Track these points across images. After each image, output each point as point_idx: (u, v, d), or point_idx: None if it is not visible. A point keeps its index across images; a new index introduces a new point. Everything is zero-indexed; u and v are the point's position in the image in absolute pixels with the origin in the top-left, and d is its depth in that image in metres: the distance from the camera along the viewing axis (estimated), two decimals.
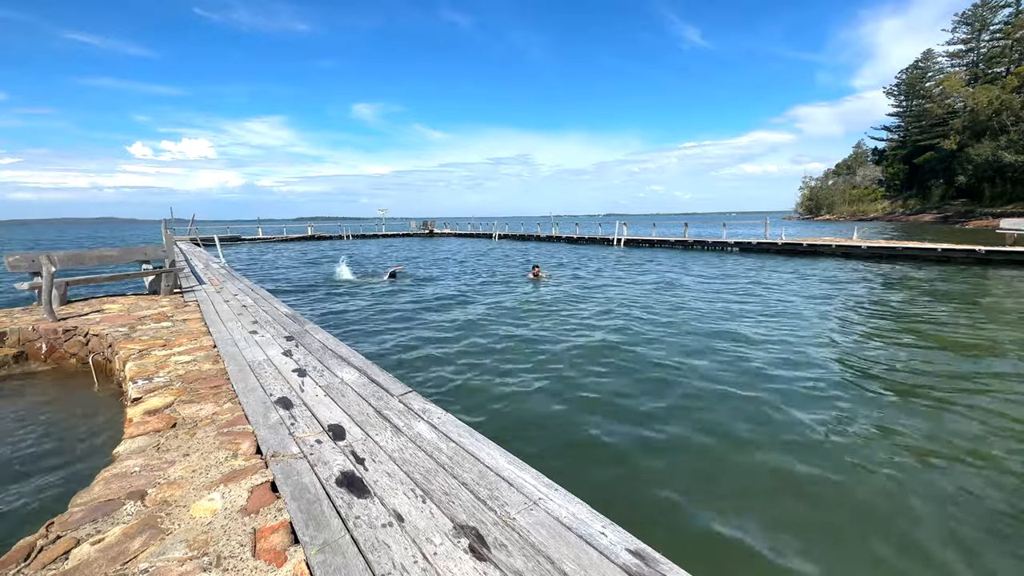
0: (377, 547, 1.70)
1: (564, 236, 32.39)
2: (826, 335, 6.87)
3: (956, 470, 3.37)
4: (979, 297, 9.66)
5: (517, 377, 5.26)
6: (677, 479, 3.29)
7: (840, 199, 75.77)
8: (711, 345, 6.38)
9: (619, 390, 4.86)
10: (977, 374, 5.19)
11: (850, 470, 3.38)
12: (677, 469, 3.44)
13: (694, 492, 3.12)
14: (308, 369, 3.76)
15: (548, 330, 7.34)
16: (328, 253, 24.26)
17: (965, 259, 15.24)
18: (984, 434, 3.86)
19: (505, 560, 1.64)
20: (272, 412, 2.91)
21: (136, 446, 2.52)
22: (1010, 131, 47.80)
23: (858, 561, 2.56)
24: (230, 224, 56.57)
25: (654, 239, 26.40)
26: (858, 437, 3.85)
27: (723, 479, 3.31)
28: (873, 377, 5.18)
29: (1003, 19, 57.58)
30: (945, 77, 62.47)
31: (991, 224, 34.81)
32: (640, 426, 4.06)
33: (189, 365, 3.91)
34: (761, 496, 3.11)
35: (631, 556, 1.64)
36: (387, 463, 2.30)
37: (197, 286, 8.55)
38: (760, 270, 14.74)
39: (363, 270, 16.03)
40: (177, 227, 33.09)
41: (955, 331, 6.98)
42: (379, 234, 42.85)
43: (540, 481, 2.12)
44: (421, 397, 3.14)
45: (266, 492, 2.07)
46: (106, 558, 1.67)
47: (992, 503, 3.01)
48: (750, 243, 21.50)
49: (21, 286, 6.11)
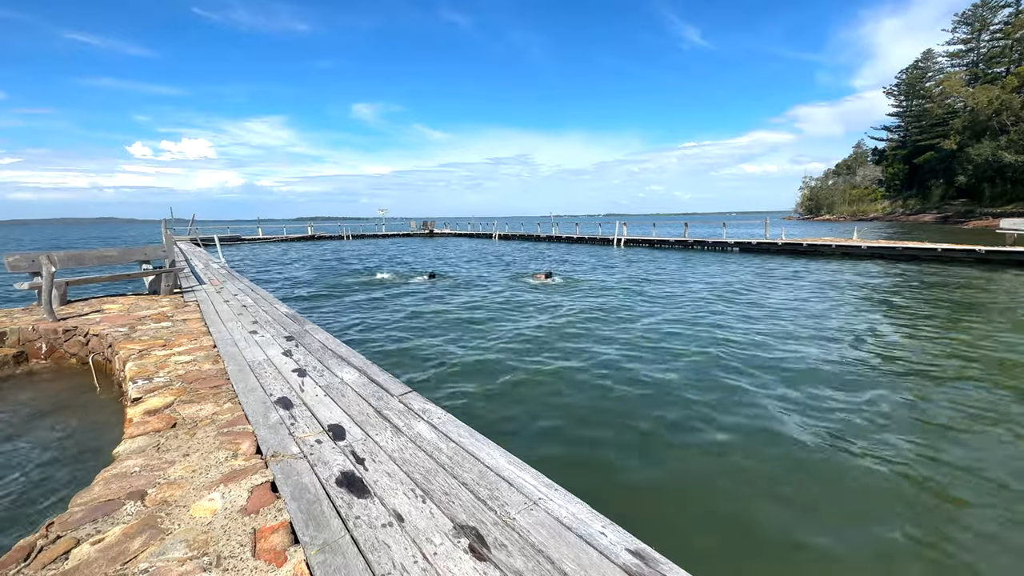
0: (377, 547, 1.70)
1: (564, 236, 32.38)
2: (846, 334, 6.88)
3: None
4: (986, 297, 9.67)
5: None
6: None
7: (840, 199, 75.73)
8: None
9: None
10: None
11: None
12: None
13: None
14: (308, 369, 3.76)
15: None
16: (343, 253, 24.24)
17: (965, 259, 15.24)
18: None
19: (505, 560, 1.63)
20: (272, 412, 2.91)
21: (136, 446, 2.52)
22: (1010, 131, 47.78)
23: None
24: (230, 224, 56.57)
25: (654, 239, 26.39)
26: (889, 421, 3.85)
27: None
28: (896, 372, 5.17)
29: (1003, 19, 57.56)
30: (945, 77, 62.46)
31: (991, 224, 34.78)
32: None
33: (189, 365, 3.91)
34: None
35: (631, 556, 1.64)
36: (387, 463, 2.30)
37: (197, 286, 8.55)
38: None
39: (400, 270, 15.98)
40: (177, 227, 33.12)
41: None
42: (379, 234, 42.84)
43: (540, 481, 2.12)
44: (421, 397, 3.14)
45: (266, 492, 2.07)
46: (106, 558, 1.67)
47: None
48: (750, 243, 21.49)
49: (21, 286, 6.11)
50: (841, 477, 3.33)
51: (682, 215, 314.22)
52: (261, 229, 38.48)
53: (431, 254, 22.83)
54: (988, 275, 12.59)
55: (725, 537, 2.75)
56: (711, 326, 7.52)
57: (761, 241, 21.48)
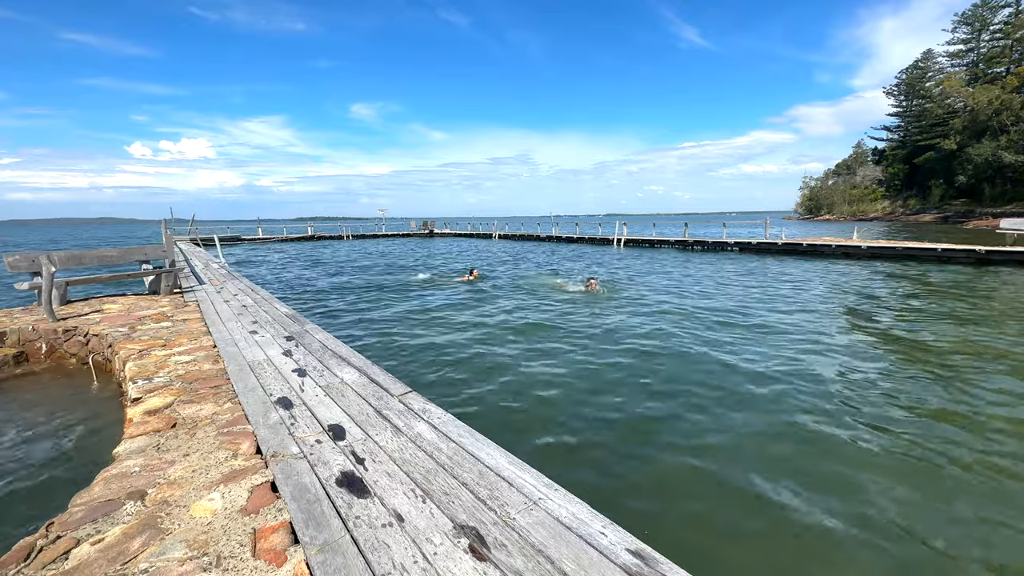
0: (377, 547, 1.70)
1: (564, 236, 32.38)
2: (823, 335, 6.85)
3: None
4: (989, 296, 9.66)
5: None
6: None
7: (840, 199, 75.77)
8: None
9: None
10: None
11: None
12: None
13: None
14: (308, 369, 3.76)
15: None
16: (361, 254, 23.67)
17: (965, 259, 15.25)
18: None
19: (505, 560, 1.63)
20: (272, 412, 2.91)
21: (136, 446, 2.52)
22: (1010, 131, 47.81)
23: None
24: (230, 224, 56.44)
25: (654, 239, 26.41)
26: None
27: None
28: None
29: (1003, 19, 57.58)
30: (945, 77, 62.47)
31: (991, 224, 34.80)
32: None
33: (189, 365, 3.91)
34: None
35: (631, 556, 1.64)
36: (387, 463, 2.30)
37: (197, 286, 8.55)
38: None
39: (438, 271, 15.62)
40: (177, 227, 33.11)
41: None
42: (379, 234, 42.82)
43: (540, 481, 2.12)
44: (421, 397, 3.14)
45: (266, 492, 2.07)
46: (106, 558, 1.67)
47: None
48: (750, 243, 21.49)
49: (21, 286, 6.11)
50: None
51: (681, 215, 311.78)
52: (261, 229, 38.50)
53: (490, 256, 21.42)
54: (988, 276, 12.59)
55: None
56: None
57: (761, 241, 21.49)
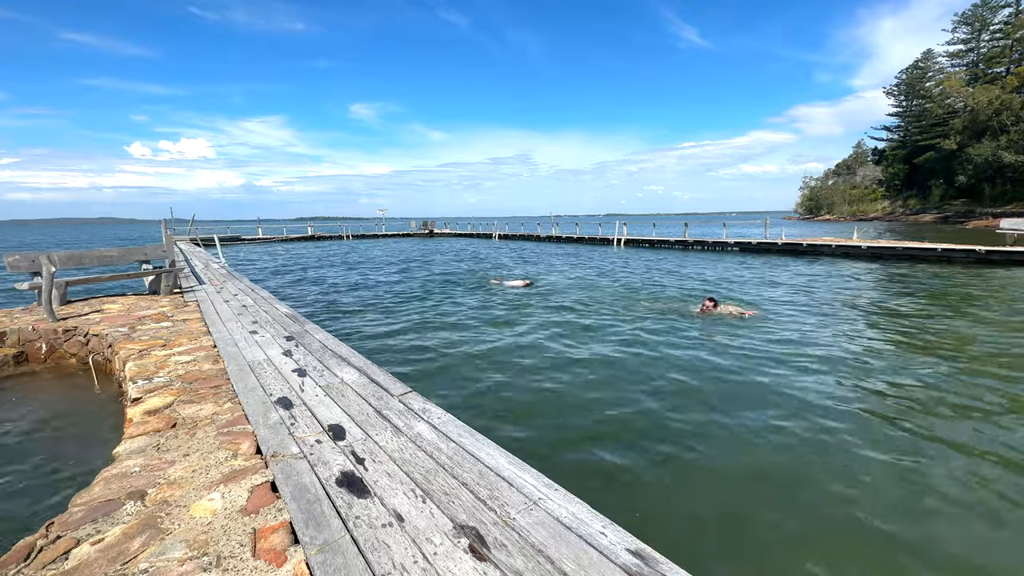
0: (377, 547, 1.70)
1: (564, 236, 32.38)
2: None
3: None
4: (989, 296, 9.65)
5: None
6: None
7: (840, 199, 75.77)
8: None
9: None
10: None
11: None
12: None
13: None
14: (308, 369, 3.76)
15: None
16: (391, 255, 23.07)
17: (965, 259, 15.25)
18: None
19: (505, 560, 1.63)
20: (272, 412, 2.91)
21: (136, 446, 2.52)
22: (1010, 131, 47.81)
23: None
24: (230, 224, 56.37)
25: (654, 239, 26.42)
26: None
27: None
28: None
29: (1003, 19, 57.58)
30: (945, 77, 62.46)
31: (991, 224, 34.80)
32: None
33: (189, 365, 3.91)
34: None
35: (631, 556, 1.64)
36: (387, 463, 2.30)
37: (197, 286, 8.55)
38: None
39: (495, 274, 14.94)
40: (177, 227, 33.10)
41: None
42: (379, 234, 42.83)
43: (540, 481, 2.12)
44: (421, 397, 3.14)
45: (266, 492, 2.07)
46: (106, 558, 1.67)
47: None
48: (750, 243, 21.50)
49: (21, 286, 6.11)
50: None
51: (681, 215, 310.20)
52: (261, 229, 38.50)
53: (500, 256, 21.07)
54: (988, 275, 12.59)
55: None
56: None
57: (761, 241, 21.50)
